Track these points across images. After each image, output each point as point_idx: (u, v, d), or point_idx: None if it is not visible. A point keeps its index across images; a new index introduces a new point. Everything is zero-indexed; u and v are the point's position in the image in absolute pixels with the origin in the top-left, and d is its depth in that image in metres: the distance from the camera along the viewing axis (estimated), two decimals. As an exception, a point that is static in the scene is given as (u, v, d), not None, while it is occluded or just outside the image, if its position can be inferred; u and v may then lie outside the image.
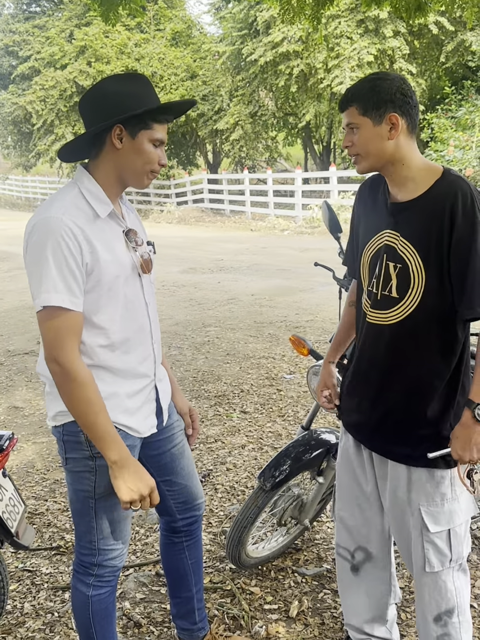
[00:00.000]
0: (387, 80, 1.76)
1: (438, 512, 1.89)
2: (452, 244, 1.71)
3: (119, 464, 1.76)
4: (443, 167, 1.80)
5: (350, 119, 1.79)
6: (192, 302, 8.61)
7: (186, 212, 22.12)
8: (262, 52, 19.18)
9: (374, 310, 1.89)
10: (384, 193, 1.91)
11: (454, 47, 18.27)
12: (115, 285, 1.79)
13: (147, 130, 1.78)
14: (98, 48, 22.72)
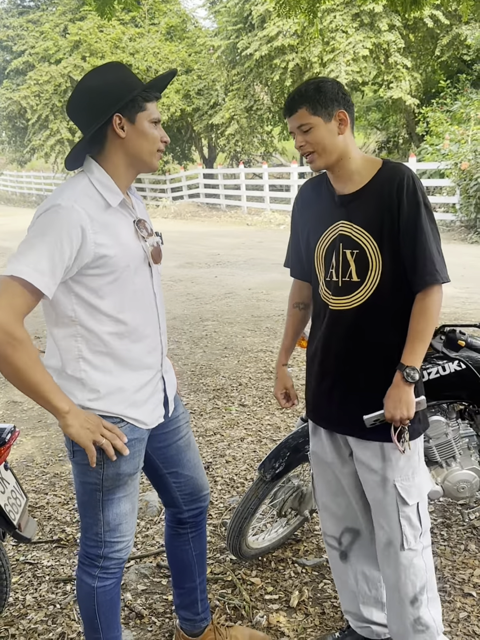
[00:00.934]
0: (327, 82, 1.91)
1: (410, 485, 2.01)
2: (400, 224, 1.88)
3: (71, 412, 1.74)
4: (382, 158, 1.98)
5: (302, 120, 1.89)
6: (190, 296, 8.62)
7: (182, 207, 22.09)
8: (257, 46, 19.13)
9: (336, 297, 2.00)
10: (327, 190, 2.03)
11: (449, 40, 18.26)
12: (124, 273, 1.80)
13: (143, 112, 1.81)
14: (92, 42, 22.65)
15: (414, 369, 1.89)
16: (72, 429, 1.75)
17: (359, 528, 2.24)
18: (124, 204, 1.85)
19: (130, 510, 1.97)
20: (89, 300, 1.78)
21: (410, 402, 1.91)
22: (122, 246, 1.79)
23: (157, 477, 2.15)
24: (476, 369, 2.47)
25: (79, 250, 1.70)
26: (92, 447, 1.79)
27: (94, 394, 1.83)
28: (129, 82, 1.81)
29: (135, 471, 1.94)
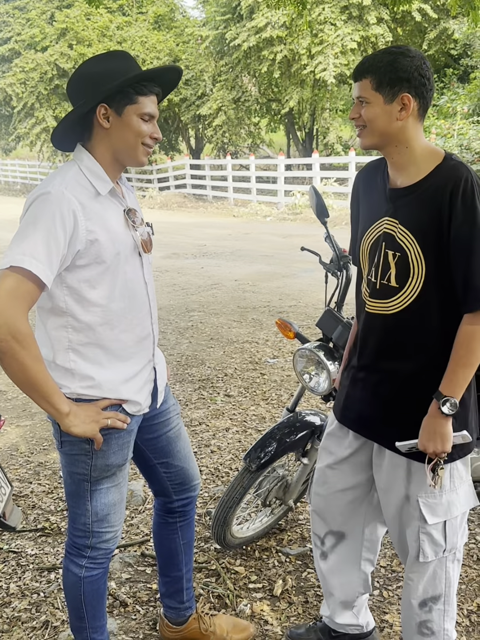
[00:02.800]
0: (407, 57, 1.66)
1: (436, 503, 1.86)
2: (451, 233, 1.67)
3: (71, 413, 1.74)
4: (445, 152, 1.75)
5: (362, 92, 1.71)
6: (176, 287, 8.61)
7: (168, 198, 22.01)
8: (246, 37, 19.09)
9: (373, 299, 1.86)
10: (383, 178, 1.86)
11: (437, 35, 18.35)
12: (115, 262, 1.78)
13: (133, 104, 1.75)
14: (79, 30, 22.45)
15: (451, 400, 1.70)
16: (76, 429, 1.75)
17: (344, 532, 2.17)
18: (114, 192, 1.83)
19: (118, 500, 1.97)
20: (80, 291, 1.77)
21: (445, 435, 1.73)
22: (112, 234, 1.77)
23: (147, 467, 2.15)
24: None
25: (72, 236, 1.69)
26: (99, 436, 1.80)
27: (86, 382, 1.82)
28: (124, 73, 1.75)
29: (124, 462, 1.94)
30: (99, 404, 1.82)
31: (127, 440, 1.92)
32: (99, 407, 1.82)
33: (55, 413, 1.73)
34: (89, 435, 1.78)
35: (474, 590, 2.62)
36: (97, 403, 1.82)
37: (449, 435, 1.73)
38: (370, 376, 1.92)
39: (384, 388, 1.88)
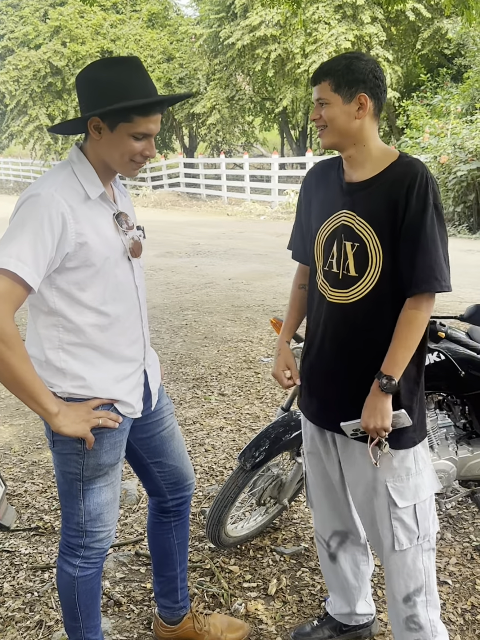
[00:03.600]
0: (362, 60, 1.79)
1: (404, 487, 1.93)
2: (404, 224, 1.77)
3: (61, 413, 1.73)
4: (399, 151, 1.88)
5: (322, 94, 1.81)
6: (170, 285, 8.60)
7: (162, 196, 21.98)
8: (240, 35, 19.07)
9: (335, 289, 1.91)
10: (337, 175, 1.94)
11: (430, 34, 18.35)
12: (105, 266, 1.78)
13: (127, 123, 1.70)
14: (73, 28, 22.40)
15: (391, 378, 1.80)
16: (66, 428, 1.74)
17: (348, 530, 2.22)
18: (104, 197, 1.81)
19: (111, 499, 1.96)
20: (70, 293, 1.76)
21: (385, 411, 1.82)
22: (102, 237, 1.77)
23: (141, 466, 2.14)
24: (455, 360, 2.50)
25: (60, 239, 1.68)
26: (90, 435, 1.79)
27: (77, 381, 1.81)
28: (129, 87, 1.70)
29: (116, 461, 1.93)
30: (90, 403, 1.82)
31: (120, 440, 1.92)
32: (90, 406, 1.81)
33: (44, 413, 1.73)
34: (79, 435, 1.77)
35: (468, 589, 2.63)
36: (88, 402, 1.82)
37: (389, 412, 1.82)
38: (330, 367, 1.97)
39: (344, 378, 1.94)
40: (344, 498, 2.17)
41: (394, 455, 1.91)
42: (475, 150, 12.17)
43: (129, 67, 1.74)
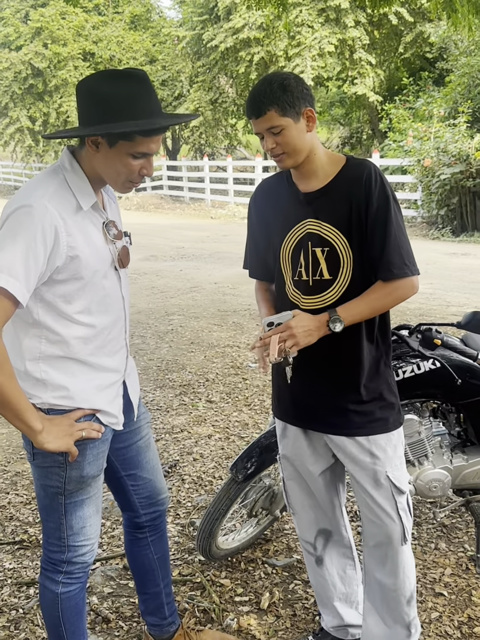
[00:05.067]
0: (291, 79, 1.82)
1: (400, 475, 2.01)
2: (369, 218, 1.85)
3: (45, 429, 1.69)
4: (345, 154, 1.96)
5: (272, 123, 1.81)
6: (154, 290, 8.51)
7: (145, 199, 21.87)
8: (223, 38, 19.04)
9: (308, 296, 1.95)
10: (289, 188, 1.98)
11: (413, 38, 18.47)
12: (94, 278, 1.73)
13: (128, 142, 1.64)
14: (54, 30, 22.21)
15: (340, 320, 1.83)
16: (50, 444, 1.70)
17: (332, 529, 2.23)
18: (96, 205, 1.77)
19: (94, 512, 1.91)
20: (56, 305, 1.71)
21: (312, 340, 1.84)
22: (93, 249, 1.72)
23: (114, 479, 2.08)
24: (451, 368, 2.46)
25: (52, 253, 1.63)
26: (74, 449, 1.74)
27: (59, 392, 1.76)
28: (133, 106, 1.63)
29: (99, 473, 1.88)
30: (72, 415, 1.77)
31: (102, 450, 1.87)
32: (72, 418, 1.76)
33: (28, 430, 1.68)
34: (63, 450, 1.73)
35: (464, 600, 2.58)
36: (70, 415, 1.76)
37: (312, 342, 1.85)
38: (314, 371, 1.99)
39: (330, 379, 1.98)
40: (328, 498, 2.17)
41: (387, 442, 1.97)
42: (458, 154, 12.22)
43: (133, 82, 1.66)
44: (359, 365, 1.94)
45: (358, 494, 2.07)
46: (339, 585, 2.27)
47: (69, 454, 1.76)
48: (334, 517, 2.22)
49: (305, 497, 2.19)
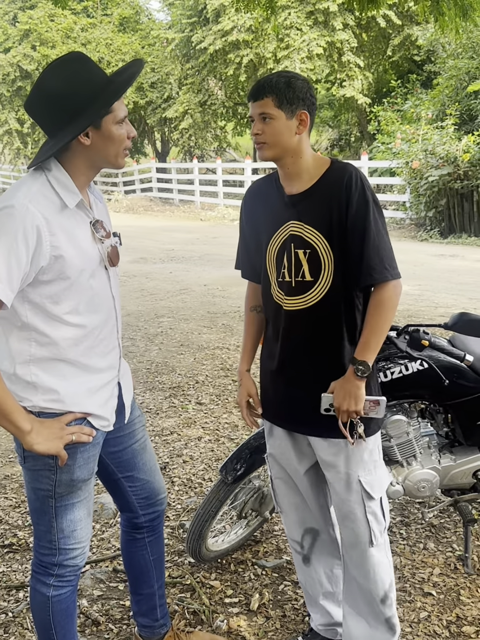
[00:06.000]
0: (299, 80, 1.88)
1: (373, 479, 2.03)
2: (348, 221, 1.87)
3: (34, 430, 1.69)
4: (330, 157, 2.00)
5: (265, 109, 1.86)
6: (144, 292, 8.50)
7: (134, 201, 21.84)
8: (212, 40, 19.08)
9: (290, 297, 1.98)
10: (277, 190, 2.02)
11: (401, 41, 18.57)
12: (80, 278, 1.72)
13: (108, 115, 1.70)
14: (43, 32, 22.17)
15: (364, 363, 1.89)
16: (39, 446, 1.69)
17: (318, 528, 2.25)
18: (82, 205, 1.76)
19: (85, 515, 1.91)
20: (44, 307, 1.71)
21: (359, 396, 1.91)
22: (78, 249, 1.71)
23: (111, 481, 2.08)
24: (439, 368, 2.47)
25: (35, 253, 1.62)
26: (63, 453, 1.74)
27: (49, 395, 1.76)
28: (94, 83, 1.68)
29: (89, 476, 1.88)
30: (63, 419, 1.76)
31: (93, 454, 1.87)
32: (63, 422, 1.76)
33: (16, 431, 1.67)
34: (52, 453, 1.72)
35: (453, 600, 2.60)
36: (61, 418, 1.76)
37: (362, 396, 1.92)
38: (295, 372, 2.02)
39: (310, 381, 2.00)
40: (314, 497, 2.19)
41: (363, 448, 1.99)
42: (446, 156, 12.29)
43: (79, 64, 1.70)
44: (341, 368, 1.96)
45: (332, 495, 2.11)
46: (326, 584, 2.29)
47: (59, 459, 1.75)
48: (321, 516, 2.23)
49: (292, 496, 2.22)
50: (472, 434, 2.66)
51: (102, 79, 1.71)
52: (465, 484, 2.72)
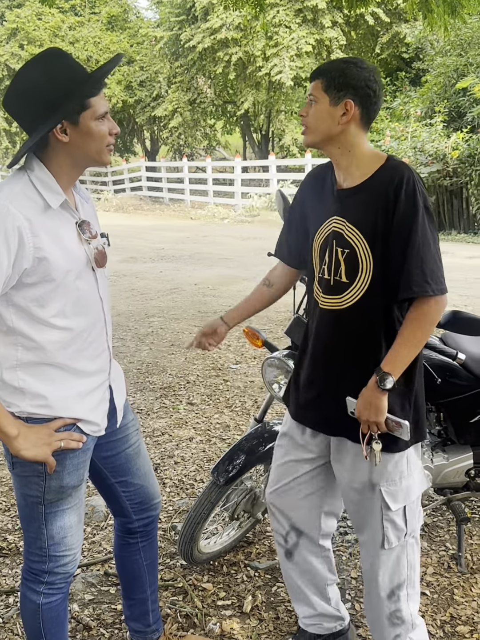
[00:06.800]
0: (359, 67, 1.78)
1: (396, 490, 1.94)
2: (393, 227, 1.76)
3: (20, 435, 1.66)
4: (387, 154, 1.87)
5: (313, 91, 1.82)
6: (134, 292, 8.46)
7: (124, 200, 21.77)
8: (201, 38, 19.05)
9: (327, 295, 1.91)
10: (331, 180, 1.94)
11: (389, 38, 18.62)
12: (66, 280, 1.69)
13: (86, 110, 1.66)
14: (30, 31, 22.07)
15: (388, 375, 1.78)
16: (26, 452, 1.66)
17: (302, 529, 2.20)
18: (66, 205, 1.72)
19: (76, 522, 1.87)
20: (29, 310, 1.67)
21: (380, 408, 1.81)
22: (63, 250, 1.68)
23: (105, 486, 2.05)
24: (431, 367, 2.46)
25: (17, 255, 1.59)
26: (51, 459, 1.71)
27: (37, 400, 1.73)
28: (73, 78, 1.66)
29: (79, 483, 1.85)
30: (52, 425, 1.73)
31: (83, 460, 1.84)
32: (52, 428, 1.73)
33: (2, 436, 1.65)
34: (40, 459, 1.69)
35: (446, 599, 2.59)
36: (50, 424, 1.73)
37: (383, 409, 1.81)
38: (325, 372, 1.96)
39: (340, 381, 1.93)
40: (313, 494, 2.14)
41: (388, 459, 1.90)
42: (435, 153, 12.33)
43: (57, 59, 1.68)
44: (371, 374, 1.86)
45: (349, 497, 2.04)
46: (309, 576, 2.25)
47: (47, 466, 1.73)
48: (310, 520, 2.18)
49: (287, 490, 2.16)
50: (465, 433, 2.65)
51: (81, 75, 1.68)
52: (458, 483, 2.71)
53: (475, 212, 12.38)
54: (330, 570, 2.28)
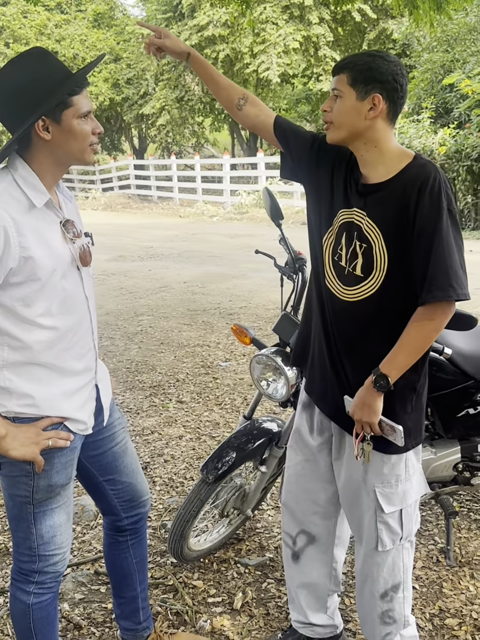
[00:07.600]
0: (386, 61, 1.73)
1: (392, 493, 1.93)
2: (415, 229, 1.72)
3: (9, 435, 1.66)
4: (415, 153, 1.81)
5: (338, 85, 1.77)
6: (123, 290, 8.44)
7: (112, 199, 21.70)
8: (188, 35, 19.00)
9: (342, 286, 1.87)
10: (352, 170, 1.87)
11: (376, 35, 18.65)
12: (51, 279, 1.69)
13: (69, 108, 1.65)
14: (16, 29, 21.95)
15: (385, 377, 1.76)
16: (15, 452, 1.66)
17: (315, 534, 2.19)
18: (50, 204, 1.72)
19: (65, 520, 1.87)
20: (14, 310, 1.67)
21: (374, 409, 1.80)
22: (48, 249, 1.68)
23: (92, 485, 2.05)
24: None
25: (3, 255, 1.59)
26: (39, 458, 1.71)
27: (24, 400, 1.72)
28: (55, 76, 1.66)
29: (67, 481, 1.85)
30: (39, 424, 1.73)
31: (71, 459, 1.84)
32: (39, 427, 1.73)
33: None
34: (28, 459, 1.69)
35: (435, 593, 2.60)
36: (37, 423, 1.73)
37: (377, 410, 1.80)
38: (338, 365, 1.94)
39: (351, 375, 1.91)
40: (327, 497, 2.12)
41: (384, 460, 1.90)
42: (422, 149, 12.35)
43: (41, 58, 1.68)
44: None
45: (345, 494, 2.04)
46: (309, 591, 2.25)
47: (35, 465, 1.73)
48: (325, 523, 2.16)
49: (302, 492, 2.15)
50: (452, 427, 2.66)
51: (63, 73, 1.68)
52: (446, 477, 2.73)
53: (463, 208, 12.43)
54: (335, 582, 2.27)
